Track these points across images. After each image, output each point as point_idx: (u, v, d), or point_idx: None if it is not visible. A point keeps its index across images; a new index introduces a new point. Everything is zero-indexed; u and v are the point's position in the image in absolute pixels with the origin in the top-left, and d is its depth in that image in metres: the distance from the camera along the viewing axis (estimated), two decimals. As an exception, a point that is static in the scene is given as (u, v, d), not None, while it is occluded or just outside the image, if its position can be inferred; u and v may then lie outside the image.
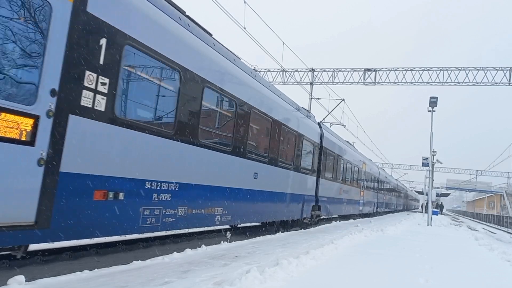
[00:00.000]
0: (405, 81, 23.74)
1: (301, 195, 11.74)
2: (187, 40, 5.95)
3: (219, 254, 6.25)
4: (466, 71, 22.65)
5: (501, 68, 22.00)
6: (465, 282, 5.47)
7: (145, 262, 5.18)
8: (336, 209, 16.41)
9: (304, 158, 11.82)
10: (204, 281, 4.31)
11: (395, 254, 7.58)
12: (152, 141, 5.19)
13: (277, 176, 9.79)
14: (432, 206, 22.61)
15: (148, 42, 5.07)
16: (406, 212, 50.34)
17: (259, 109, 8.55)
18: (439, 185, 70.00)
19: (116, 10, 4.55)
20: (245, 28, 14.25)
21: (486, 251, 9.94)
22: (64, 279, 3.99)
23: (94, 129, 4.30)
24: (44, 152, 3.73)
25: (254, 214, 8.65)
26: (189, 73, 5.92)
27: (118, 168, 4.69)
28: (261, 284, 4.24)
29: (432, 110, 20.29)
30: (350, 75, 24.72)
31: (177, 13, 6.01)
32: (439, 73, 23.07)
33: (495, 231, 29.27)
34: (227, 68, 7.23)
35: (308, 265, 5.54)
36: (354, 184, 20.31)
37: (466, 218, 57.07)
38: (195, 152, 6.21)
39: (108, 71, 4.47)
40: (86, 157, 4.23)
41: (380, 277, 5.22)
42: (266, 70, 24.94)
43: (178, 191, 5.86)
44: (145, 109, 5.37)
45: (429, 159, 22.52)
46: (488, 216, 47.73)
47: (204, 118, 6.48)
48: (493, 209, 75.92)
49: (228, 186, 7.32)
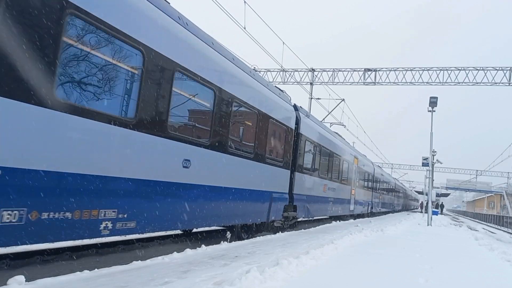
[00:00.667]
0: (405, 81, 23.76)
1: (267, 193, 9.32)
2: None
3: (219, 254, 6.25)
4: (466, 71, 22.69)
5: (501, 68, 22.01)
6: (465, 282, 5.48)
7: (145, 262, 5.18)
8: (319, 210, 14.13)
9: (270, 146, 9.44)
10: (204, 281, 4.31)
11: (395, 254, 7.58)
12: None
13: (226, 167, 7.35)
14: (432, 206, 22.62)
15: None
16: (406, 212, 50.32)
17: (188, 68, 5.99)
18: (439, 185, 70.02)
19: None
20: (245, 28, 14.27)
21: (486, 251, 9.94)
22: (64, 279, 3.99)
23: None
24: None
25: (183, 217, 6.13)
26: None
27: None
28: (261, 284, 4.24)
29: (432, 110, 20.29)
30: (350, 75, 24.75)
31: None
32: (439, 73, 23.11)
33: (495, 231, 29.26)
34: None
35: (308, 265, 5.54)
36: (344, 181, 17.97)
37: (466, 218, 57.05)
38: (46, 117, 3.89)
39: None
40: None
41: (380, 277, 5.22)
42: (266, 70, 24.96)
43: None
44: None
45: (429, 159, 22.53)
46: (488, 216, 47.71)
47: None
48: (493, 209, 75.92)
49: (128, 177, 4.94)
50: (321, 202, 14.14)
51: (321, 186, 14.10)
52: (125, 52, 4.90)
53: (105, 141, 4.62)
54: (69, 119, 4.11)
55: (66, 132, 4.13)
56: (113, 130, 4.67)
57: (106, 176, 4.60)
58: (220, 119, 7.10)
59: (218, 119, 7.05)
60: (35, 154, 3.81)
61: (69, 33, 4.16)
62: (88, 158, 4.40)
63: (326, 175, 14.84)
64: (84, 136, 4.34)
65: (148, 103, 5.21)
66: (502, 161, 50.68)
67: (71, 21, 4.15)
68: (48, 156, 3.94)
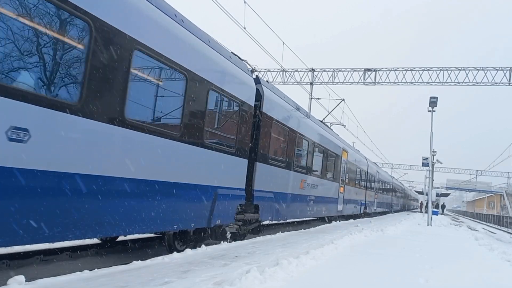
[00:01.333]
0: (405, 81, 23.78)
1: (207, 187, 6.84)
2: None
3: (219, 254, 6.25)
4: (466, 71, 22.70)
5: (501, 68, 22.03)
6: (465, 282, 5.48)
7: (145, 262, 5.18)
8: (294, 211, 11.63)
9: (210, 124, 6.93)
10: (204, 281, 4.31)
11: (395, 254, 7.57)
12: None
13: (126, 146, 4.98)
14: (432, 206, 22.62)
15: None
16: (406, 212, 50.32)
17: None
18: (439, 185, 70.04)
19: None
20: (245, 28, 14.26)
21: (486, 251, 9.94)
22: (64, 279, 3.99)
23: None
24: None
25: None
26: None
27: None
28: (261, 284, 4.24)
29: (432, 110, 20.30)
30: (350, 75, 24.77)
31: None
32: (439, 73, 23.12)
33: (495, 231, 29.27)
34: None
35: (308, 265, 5.54)
36: (329, 177, 15.40)
37: (466, 218, 57.07)
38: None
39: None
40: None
41: (380, 277, 5.22)
42: (266, 70, 24.97)
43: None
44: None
45: (429, 159, 22.53)
46: (488, 216, 47.74)
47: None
48: (493, 209, 75.95)
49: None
50: (297, 201, 11.75)
51: (296, 181, 11.59)
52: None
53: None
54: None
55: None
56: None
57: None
58: (129, 80, 4.92)
59: (130, 80, 4.93)
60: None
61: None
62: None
63: (304, 169, 12.30)
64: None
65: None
66: (502, 161, 50.76)
67: None
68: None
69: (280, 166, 10.29)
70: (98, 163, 4.56)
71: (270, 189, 9.65)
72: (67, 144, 4.15)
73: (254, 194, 8.71)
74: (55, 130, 4.00)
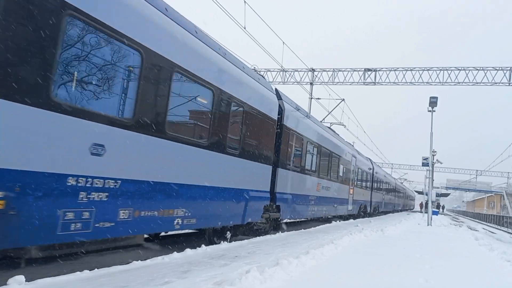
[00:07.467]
0: (405, 81, 23.78)
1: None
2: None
3: (219, 254, 6.25)
4: (466, 71, 22.71)
5: (501, 68, 22.03)
6: (465, 282, 5.48)
7: (145, 262, 5.18)
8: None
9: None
10: (204, 281, 4.31)
11: (395, 254, 7.57)
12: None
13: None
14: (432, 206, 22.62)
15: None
16: (406, 212, 50.33)
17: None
18: (439, 185, 70.03)
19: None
20: (245, 28, 14.26)
21: (486, 251, 9.93)
22: (64, 279, 3.99)
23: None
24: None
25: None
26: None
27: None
28: (261, 284, 4.24)
29: (432, 110, 20.30)
30: (350, 75, 24.78)
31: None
32: (439, 73, 23.13)
33: (495, 231, 29.26)
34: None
35: (308, 265, 5.54)
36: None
37: (466, 218, 57.04)
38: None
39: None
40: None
41: (380, 277, 5.22)
42: (266, 70, 24.98)
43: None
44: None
45: (429, 159, 22.53)
46: (488, 216, 47.72)
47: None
48: (493, 209, 75.93)
49: None
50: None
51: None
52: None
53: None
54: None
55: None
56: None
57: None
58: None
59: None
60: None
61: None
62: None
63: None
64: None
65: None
66: (502, 161, 50.77)
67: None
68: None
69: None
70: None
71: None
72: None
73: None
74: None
